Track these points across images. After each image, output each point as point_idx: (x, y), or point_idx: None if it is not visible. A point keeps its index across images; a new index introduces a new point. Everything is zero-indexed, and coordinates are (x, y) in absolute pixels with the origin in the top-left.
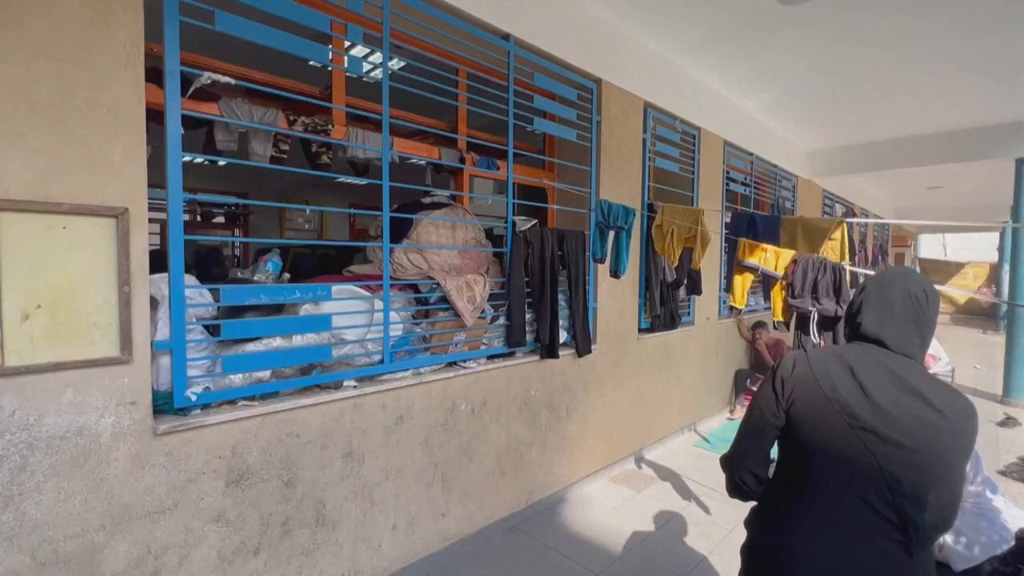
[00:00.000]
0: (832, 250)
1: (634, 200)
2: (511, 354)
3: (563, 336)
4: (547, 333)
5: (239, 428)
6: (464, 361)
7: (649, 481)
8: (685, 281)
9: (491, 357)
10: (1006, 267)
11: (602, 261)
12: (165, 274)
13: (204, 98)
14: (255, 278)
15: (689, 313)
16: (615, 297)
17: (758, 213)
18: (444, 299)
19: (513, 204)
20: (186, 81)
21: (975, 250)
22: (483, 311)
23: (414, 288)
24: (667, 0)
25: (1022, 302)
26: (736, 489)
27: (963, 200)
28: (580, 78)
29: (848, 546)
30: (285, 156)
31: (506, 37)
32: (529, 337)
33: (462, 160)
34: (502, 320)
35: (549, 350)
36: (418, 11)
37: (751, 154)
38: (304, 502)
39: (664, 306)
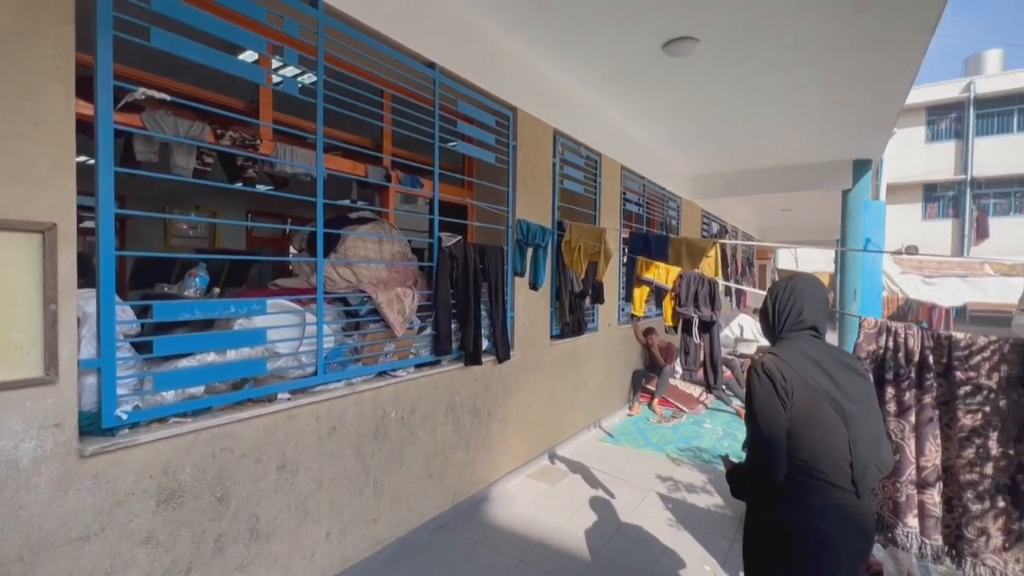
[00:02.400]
0: (708, 266)
1: (546, 218)
2: (437, 362)
3: (485, 344)
4: (471, 341)
5: (171, 446)
6: (394, 370)
7: (562, 475)
8: (590, 291)
9: (419, 366)
10: (839, 276)
11: (522, 275)
12: (87, 290)
13: (126, 108)
14: (185, 293)
15: (593, 320)
16: (530, 307)
17: (651, 232)
18: (374, 311)
19: (439, 220)
20: (116, 93)
21: (815, 262)
22: (411, 322)
23: (344, 301)
24: (572, 41)
25: (847, 307)
26: (768, 489)
27: (808, 220)
28: (498, 106)
29: (850, 505)
30: (209, 169)
31: (432, 66)
32: (454, 345)
33: (388, 177)
34: (429, 330)
35: (473, 357)
36: (350, 38)
37: (643, 178)
38: (238, 517)
39: (572, 314)
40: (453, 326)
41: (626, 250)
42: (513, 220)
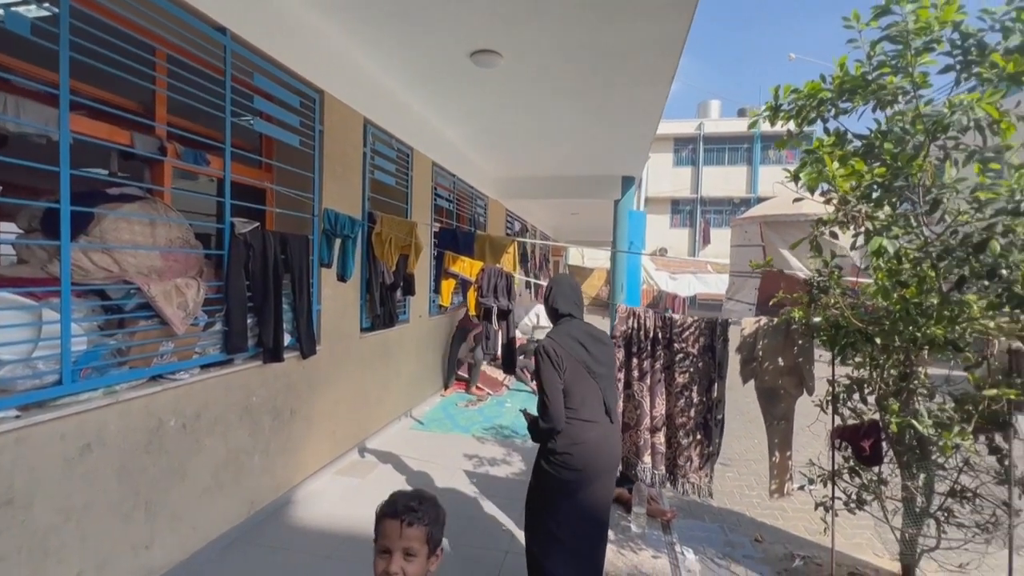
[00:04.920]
0: (508, 261)
1: (355, 208)
2: (230, 361)
3: (287, 339)
4: (271, 337)
5: None
6: (173, 373)
7: (372, 467)
8: (401, 284)
9: (206, 366)
10: (613, 272)
11: (329, 266)
12: None
13: None
14: None
15: (405, 312)
16: (338, 299)
17: (460, 229)
18: (146, 305)
19: (231, 204)
20: None
21: (597, 259)
22: (196, 317)
23: (101, 294)
24: (384, 33)
25: (616, 296)
26: (553, 431)
27: (592, 223)
28: (303, 86)
29: (602, 428)
30: None
31: (222, 30)
32: (250, 342)
33: (162, 150)
34: (219, 326)
35: (273, 354)
36: None
37: (454, 175)
38: None
39: (383, 306)
40: (249, 321)
41: (436, 244)
42: (320, 209)
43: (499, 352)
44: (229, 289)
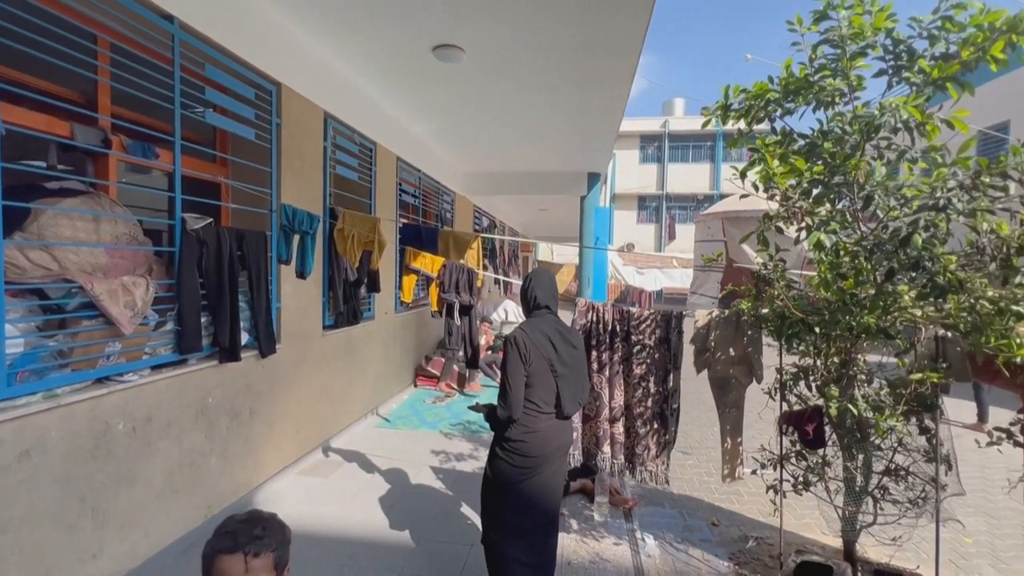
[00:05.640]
0: (472, 256)
1: (316, 203)
2: (183, 361)
3: (245, 338)
4: (227, 336)
5: None
6: (121, 374)
7: (337, 466)
8: (365, 280)
9: (157, 367)
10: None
11: (288, 263)
12: None
13: None
14: None
15: (370, 309)
16: (300, 296)
17: (424, 225)
18: (90, 305)
19: (182, 199)
20: None
21: (566, 255)
22: (146, 317)
23: (39, 293)
24: (344, 24)
25: (583, 291)
26: (510, 420)
27: (560, 219)
28: (258, 78)
29: (553, 423)
30: None
31: (169, 18)
32: (205, 341)
33: (107, 142)
34: (171, 325)
35: (229, 353)
36: None
37: (419, 170)
38: None
39: (347, 303)
40: (203, 320)
41: (399, 239)
42: (277, 204)
43: (463, 348)
44: (181, 287)
